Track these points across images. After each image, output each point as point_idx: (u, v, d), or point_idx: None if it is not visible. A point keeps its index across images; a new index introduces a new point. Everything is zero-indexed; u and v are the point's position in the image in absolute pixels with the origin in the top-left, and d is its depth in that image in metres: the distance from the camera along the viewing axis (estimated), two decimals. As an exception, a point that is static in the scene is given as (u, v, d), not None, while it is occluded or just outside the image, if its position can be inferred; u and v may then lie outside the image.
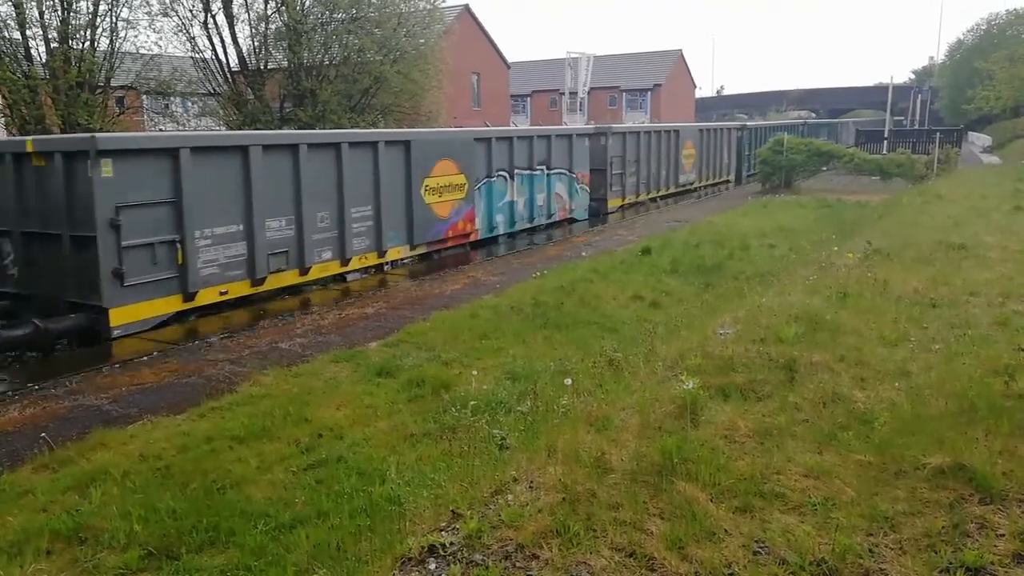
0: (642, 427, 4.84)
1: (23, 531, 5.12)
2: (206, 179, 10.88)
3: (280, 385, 8.11)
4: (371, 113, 27.07)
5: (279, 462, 6.23)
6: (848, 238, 14.24)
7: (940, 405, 5.04)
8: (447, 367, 8.47)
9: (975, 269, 10.02)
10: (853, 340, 6.71)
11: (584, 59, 45.87)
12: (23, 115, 18.49)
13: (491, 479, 4.43)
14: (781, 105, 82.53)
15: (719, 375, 5.88)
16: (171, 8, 23.35)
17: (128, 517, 5.20)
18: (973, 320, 7.42)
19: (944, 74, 70.07)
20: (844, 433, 4.66)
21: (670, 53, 64.99)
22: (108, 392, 8.20)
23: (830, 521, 3.63)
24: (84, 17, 19.41)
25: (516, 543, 3.59)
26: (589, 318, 10.54)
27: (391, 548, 3.76)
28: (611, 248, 16.84)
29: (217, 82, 25.46)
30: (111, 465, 6.10)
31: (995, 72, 36.32)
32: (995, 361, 5.85)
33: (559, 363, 8.22)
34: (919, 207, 18.31)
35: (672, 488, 3.95)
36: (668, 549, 3.47)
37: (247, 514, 5.31)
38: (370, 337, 10.10)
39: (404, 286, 13.48)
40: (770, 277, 11.38)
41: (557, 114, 52.85)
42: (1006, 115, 48.90)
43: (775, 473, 4.15)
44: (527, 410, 6.41)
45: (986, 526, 3.63)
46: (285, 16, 24.77)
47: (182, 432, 6.88)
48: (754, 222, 19.87)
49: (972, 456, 4.15)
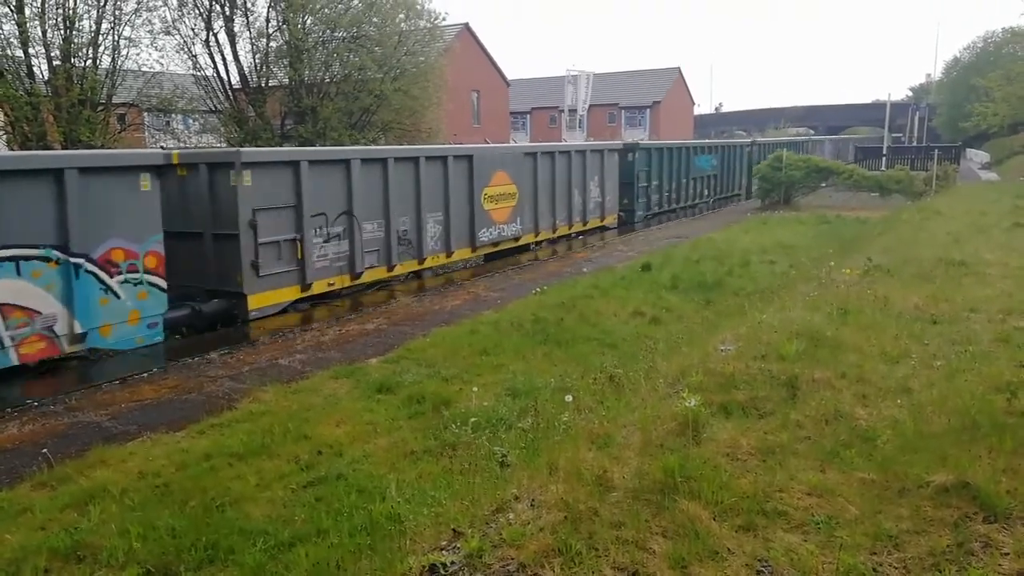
0: (644, 444, 4.83)
1: (21, 549, 5.08)
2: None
3: (280, 402, 8.09)
4: (372, 130, 27.22)
5: (278, 479, 6.20)
6: (848, 254, 14.26)
7: (942, 422, 5.02)
8: (447, 383, 8.45)
9: (975, 286, 10.02)
10: (854, 357, 6.70)
11: (584, 76, 46.16)
12: (25, 132, 18.57)
13: (492, 497, 4.41)
14: (780, 122, 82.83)
15: (720, 392, 5.87)
16: (173, 27, 23.56)
17: (127, 535, 5.16)
18: (974, 337, 7.40)
19: (941, 91, 70.46)
20: (846, 451, 4.64)
21: (669, 71, 65.43)
22: (107, 409, 8.18)
23: (833, 540, 3.61)
24: (86, 35, 19.57)
25: (518, 562, 3.57)
26: (590, 334, 10.53)
27: (391, 567, 3.74)
28: (611, 264, 16.86)
29: (218, 99, 25.61)
30: (110, 483, 6.07)
31: (992, 90, 36.53)
32: (997, 378, 5.84)
33: (560, 379, 8.21)
34: (918, 223, 18.35)
35: (674, 506, 3.93)
36: (671, 568, 3.45)
37: (246, 532, 5.28)
38: (370, 353, 10.08)
39: (404, 302, 13.48)
40: (770, 293, 11.38)
41: (556, 131, 53.14)
42: (1004, 132, 49.15)
43: (778, 491, 4.13)
44: (528, 427, 6.39)
45: (990, 545, 3.60)
46: (286, 34, 24.97)
47: (181, 449, 6.86)
48: (754, 238, 19.91)
49: (976, 474, 4.13)
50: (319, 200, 12.85)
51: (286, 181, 12.32)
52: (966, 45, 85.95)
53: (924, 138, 62.16)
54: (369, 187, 13.87)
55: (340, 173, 13.34)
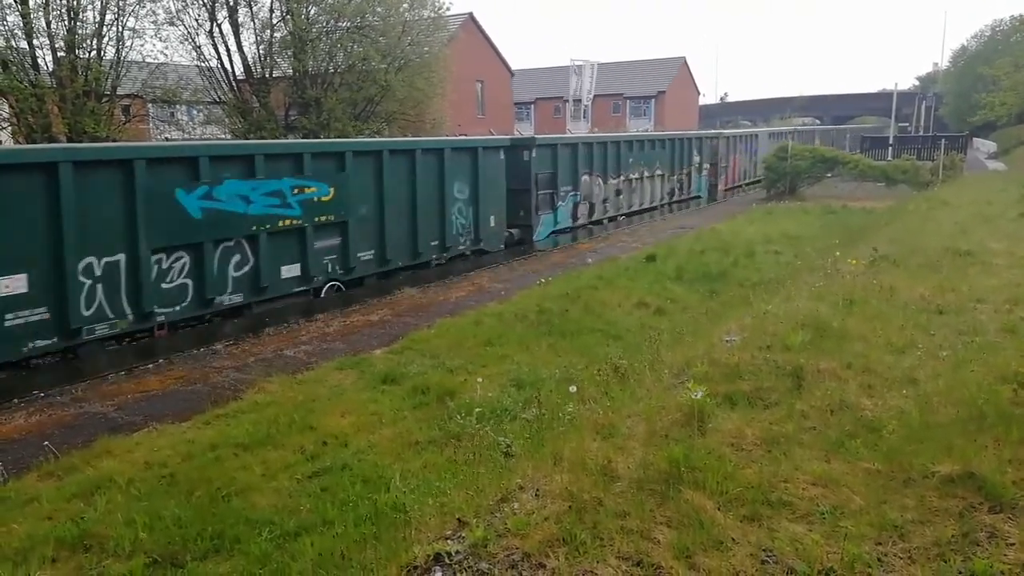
0: (649, 435, 4.82)
1: (28, 538, 5.12)
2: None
3: (285, 392, 8.11)
4: (375, 121, 27.17)
5: (284, 470, 6.22)
6: (854, 245, 14.19)
7: (948, 413, 5.00)
8: (452, 374, 8.46)
9: (982, 275, 9.96)
10: (860, 347, 6.67)
11: (588, 66, 45.95)
12: (30, 123, 18.60)
13: (497, 487, 4.41)
14: (785, 112, 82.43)
15: (725, 383, 5.85)
16: (177, 17, 23.54)
17: (133, 525, 5.19)
18: (980, 327, 7.36)
19: (948, 80, 69.99)
20: (852, 441, 4.62)
21: (674, 60, 65.07)
22: (113, 399, 8.21)
23: (838, 530, 3.60)
24: (91, 27, 19.57)
25: (522, 552, 3.57)
26: (594, 325, 10.52)
27: (396, 556, 3.74)
28: (615, 255, 16.83)
29: (222, 90, 25.59)
30: (116, 473, 6.10)
31: (1000, 78, 36.22)
32: (1003, 368, 5.80)
33: (564, 370, 8.20)
34: (925, 213, 18.26)
35: (679, 496, 3.93)
36: (675, 558, 3.45)
37: (252, 522, 5.30)
38: (375, 344, 10.09)
39: (409, 293, 13.47)
40: (776, 284, 11.33)
41: (561, 122, 52.92)
42: (1011, 121, 48.81)
43: (783, 481, 4.12)
44: (532, 418, 6.39)
45: (996, 535, 3.59)
46: (290, 25, 24.91)
47: (187, 440, 6.88)
48: (759, 229, 19.83)
49: (981, 464, 4.11)
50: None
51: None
52: (974, 34, 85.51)
53: (931, 127, 61.79)
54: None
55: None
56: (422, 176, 14.83)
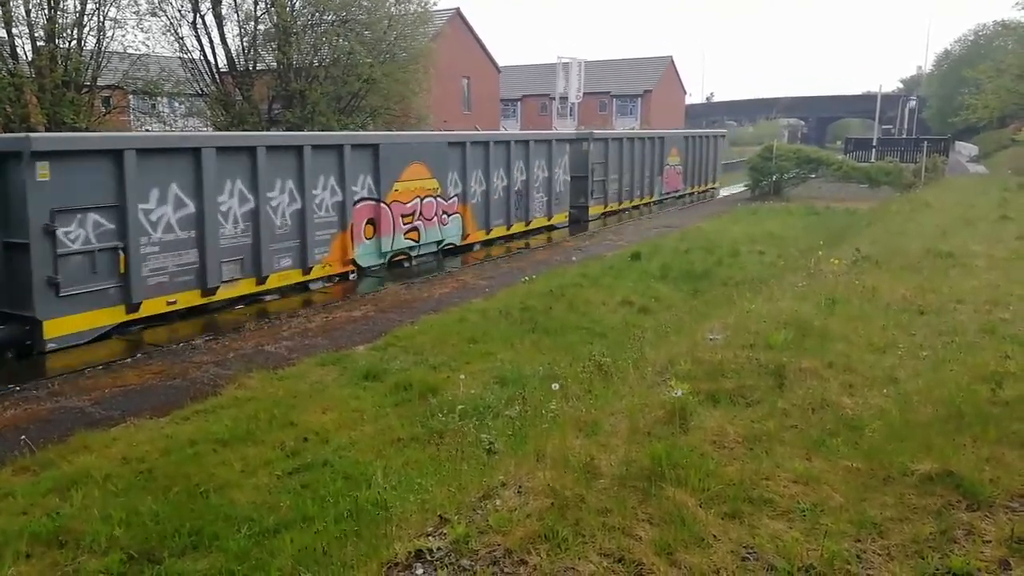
0: (631, 432, 4.82)
1: (2, 534, 5.04)
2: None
3: (265, 388, 8.04)
4: (360, 115, 26.98)
5: (263, 466, 6.16)
6: (837, 245, 14.29)
7: (928, 412, 5.04)
8: (435, 371, 8.42)
9: (962, 277, 10.07)
10: (842, 347, 6.71)
11: (575, 64, 45.92)
12: (7, 114, 18.28)
13: (479, 484, 4.39)
14: (771, 112, 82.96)
15: (708, 381, 5.86)
16: (160, 8, 23.20)
17: (109, 520, 5.12)
18: (960, 327, 7.44)
19: (932, 84, 70.64)
20: (833, 439, 4.65)
21: (660, 59, 65.19)
22: (91, 394, 8.10)
23: (818, 527, 3.61)
24: (71, 16, 19.24)
25: (504, 548, 3.55)
26: (578, 323, 10.52)
27: (377, 553, 3.72)
28: (600, 253, 16.85)
29: (205, 83, 25.28)
30: (93, 468, 6.02)
31: (983, 82, 36.63)
32: (982, 368, 5.87)
33: (548, 368, 8.19)
34: (907, 215, 18.43)
35: (661, 494, 3.93)
36: (657, 555, 3.44)
37: (231, 518, 5.24)
38: (357, 340, 10.03)
39: (393, 289, 13.42)
40: (759, 283, 11.39)
41: (547, 119, 52.88)
42: (993, 125, 49.36)
43: (764, 479, 4.13)
44: (515, 415, 6.38)
45: (973, 532, 3.62)
46: (275, 17, 24.64)
47: (165, 435, 6.80)
48: (744, 229, 19.94)
49: (960, 463, 4.15)
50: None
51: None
52: (957, 38, 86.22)
53: (914, 130, 62.38)
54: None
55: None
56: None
